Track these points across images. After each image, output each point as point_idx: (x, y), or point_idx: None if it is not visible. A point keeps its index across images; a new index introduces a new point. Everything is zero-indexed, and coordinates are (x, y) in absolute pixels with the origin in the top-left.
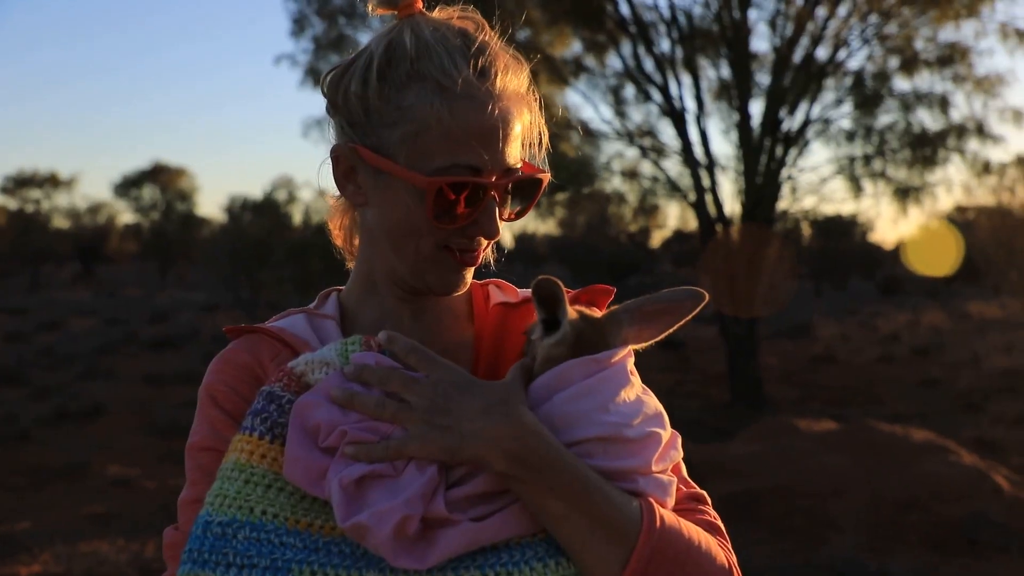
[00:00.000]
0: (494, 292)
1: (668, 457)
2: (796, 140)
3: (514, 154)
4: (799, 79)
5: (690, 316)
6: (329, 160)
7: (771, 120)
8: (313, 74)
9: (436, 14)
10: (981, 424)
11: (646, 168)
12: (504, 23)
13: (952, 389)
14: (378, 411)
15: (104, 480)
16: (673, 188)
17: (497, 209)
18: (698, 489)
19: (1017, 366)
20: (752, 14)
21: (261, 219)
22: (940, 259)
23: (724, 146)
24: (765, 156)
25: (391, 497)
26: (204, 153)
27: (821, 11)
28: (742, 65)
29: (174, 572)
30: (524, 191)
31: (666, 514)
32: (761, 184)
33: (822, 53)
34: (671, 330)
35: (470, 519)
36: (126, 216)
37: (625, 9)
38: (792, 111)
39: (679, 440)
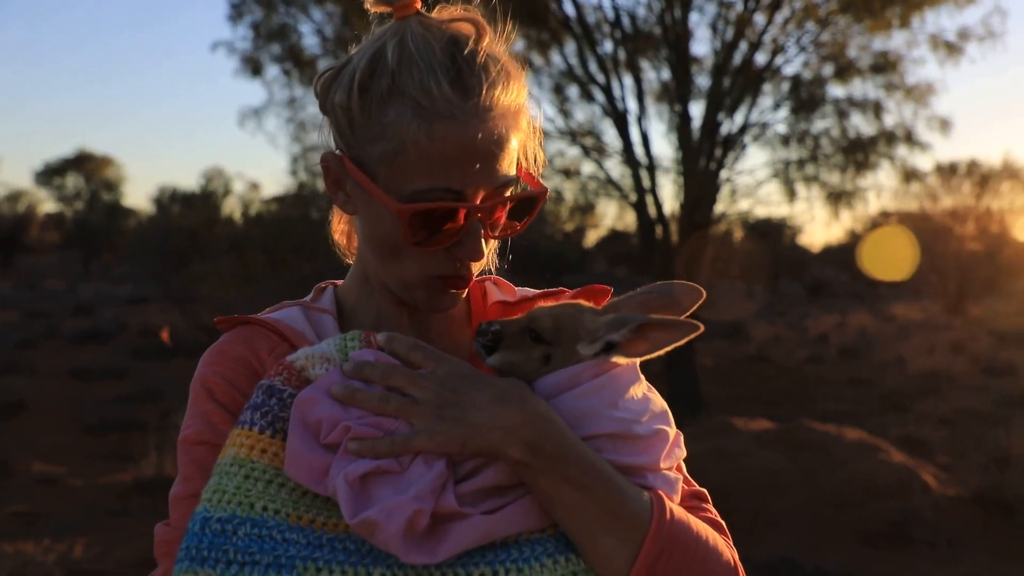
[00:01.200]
0: (491, 290)
1: (674, 455)
2: (734, 143)
3: (506, 169)
4: (738, 83)
5: (690, 311)
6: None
7: (710, 123)
8: (252, 63)
9: (436, 14)
10: (907, 423)
11: (587, 168)
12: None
13: (879, 389)
14: (382, 406)
15: (28, 478)
16: (614, 188)
17: (483, 229)
18: (698, 487)
19: (939, 367)
20: (693, 17)
21: (192, 211)
22: (896, 262)
23: (665, 147)
24: (704, 158)
25: (398, 493)
26: (132, 143)
27: (760, 17)
28: (682, 68)
29: (167, 569)
30: (523, 202)
31: (675, 508)
32: (700, 186)
33: (760, 58)
34: None
35: (481, 513)
36: (48, 205)
37: (570, 9)
38: (731, 114)
39: (682, 438)
